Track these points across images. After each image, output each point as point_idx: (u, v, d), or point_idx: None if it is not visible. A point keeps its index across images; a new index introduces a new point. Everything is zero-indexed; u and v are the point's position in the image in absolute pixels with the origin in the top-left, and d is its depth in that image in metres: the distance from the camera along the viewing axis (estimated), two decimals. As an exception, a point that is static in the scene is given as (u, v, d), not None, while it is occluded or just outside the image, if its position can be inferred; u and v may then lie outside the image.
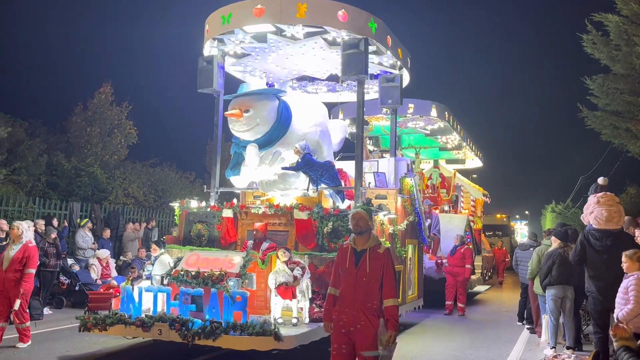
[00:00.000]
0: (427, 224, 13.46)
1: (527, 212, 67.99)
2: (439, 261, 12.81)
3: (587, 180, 37.99)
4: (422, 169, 19.29)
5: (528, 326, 10.43)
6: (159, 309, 6.74)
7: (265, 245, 8.09)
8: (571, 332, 8.15)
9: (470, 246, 15.11)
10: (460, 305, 12.59)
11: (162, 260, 7.49)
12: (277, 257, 7.25)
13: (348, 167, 10.15)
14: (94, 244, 13.17)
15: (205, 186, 9.51)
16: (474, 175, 32.06)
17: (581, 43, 16.94)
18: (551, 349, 8.16)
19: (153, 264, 7.56)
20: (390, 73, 10.02)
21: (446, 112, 14.25)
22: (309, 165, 8.45)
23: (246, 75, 10.30)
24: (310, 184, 8.63)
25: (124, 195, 18.03)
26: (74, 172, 16.75)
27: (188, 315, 6.42)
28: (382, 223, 8.52)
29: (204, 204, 9.06)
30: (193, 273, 6.94)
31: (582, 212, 7.39)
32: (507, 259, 22.64)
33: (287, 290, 6.80)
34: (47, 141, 19.53)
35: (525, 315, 10.79)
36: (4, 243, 10.06)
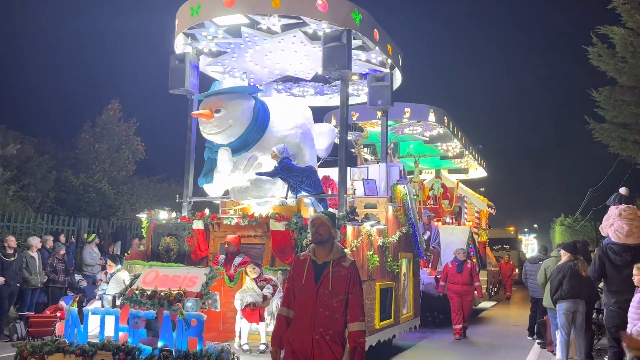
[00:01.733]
0: (425, 236, 12.62)
1: (535, 226, 67.38)
2: (439, 276, 11.85)
3: (595, 193, 37.08)
4: (424, 180, 18.45)
5: (539, 341, 10.21)
6: (107, 335, 5.87)
7: (238, 260, 7.26)
8: (582, 347, 7.76)
9: (474, 260, 14.21)
10: (463, 325, 11.12)
11: (118, 278, 6.65)
12: (246, 273, 6.40)
13: (335, 174, 9.32)
14: (101, 259, 12.63)
15: (177, 195, 8.69)
16: (481, 189, 31.24)
17: (587, 55, 16.89)
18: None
19: (108, 282, 6.70)
20: (380, 72, 9.20)
21: (445, 117, 13.39)
22: (287, 170, 7.62)
23: (226, 76, 9.49)
24: (289, 191, 7.79)
25: (132, 211, 17.77)
26: (82, 188, 16.98)
27: (138, 342, 5.56)
28: (369, 234, 7.65)
29: (174, 214, 8.22)
30: (149, 293, 6.08)
31: (591, 225, 6.91)
32: (514, 273, 21.63)
33: (254, 312, 5.93)
34: (55, 157, 19.67)
35: (535, 330, 10.60)
36: (12, 259, 10.12)
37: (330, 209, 4.29)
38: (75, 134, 22.26)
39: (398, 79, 9.92)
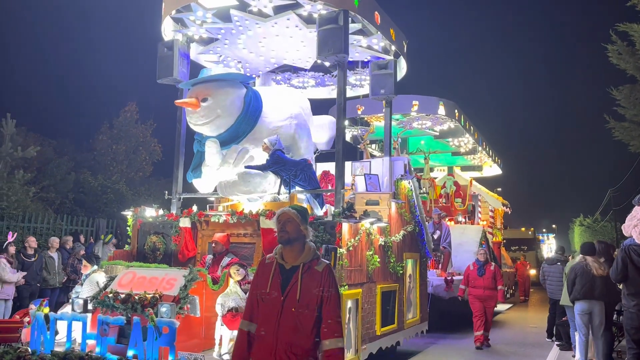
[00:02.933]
0: (435, 235, 12.00)
1: (554, 226, 66.50)
2: (449, 278, 11.19)
3: (616, 193, 36.02)
4: (435, 178, 17.79)
5: (558, 342, 10.02)
6: (74, 342, 5.35)
7: (226, 260, 6.72)
8: (601, 349, 7.48)
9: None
10: (485, 334, 10.14)
11: (92, 280, 6.12)
12: (230, 275, 5.84)
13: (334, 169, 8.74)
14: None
15: (166, 192, 8.16)
16: (498, 189, 30.47)
17: (606, 53, 16.60)
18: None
19: (83, 284, 6.19)
20: (383, 59, 8.58)
21: (456, 110, 12.71)
22: (280, 163, 7.05)
23: (220, 66, 8.97)
24: (282, 186, 7.22)
25: None
26: (100, 189, 17.11)
27: (106, 351, 5.03)
28: (369, 233, 7.05)
29: (161, 212, 7.69)
30: (123, 296, 5.55)
31: (611, 225, 6.50)
32: (531, 275, 20.84)
33: (235, 318, 5.36)
34: (74, 159, 19.92)
35: (554, 332, 10.39)
36: (33, 260, 10.20)
37: (298, 205, 3.64)
38: (93, 136, 22.61)
39: (403, 67, 9.31)
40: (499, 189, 30.59)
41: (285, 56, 8.72)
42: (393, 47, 8.51)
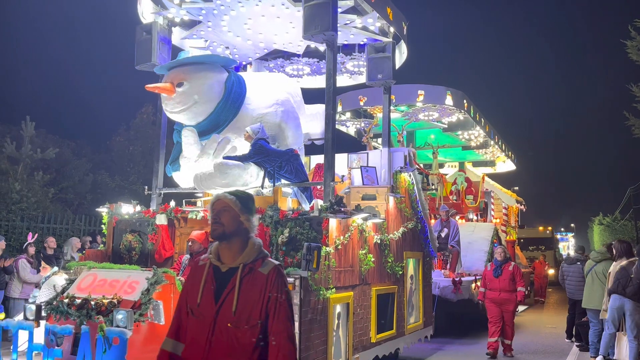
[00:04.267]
0: (443, 233, 11.29)
1: (572, 225, 65.60)
2: (458, 279, 10.45)
3: (636, 191, 34.83)
4: (446, 174, 17.05)
5: (577, 343, 9.91)
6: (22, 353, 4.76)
7: (204, 260, 6.07)
8: (633, 352, 7.32)
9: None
10: (507, 341, 9.09)
11: (51, 283, 5.52)
12: (200, 277, 5.19)
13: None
14: None
15: (146, 187, 7.56)
16: (515, 188, 29.64)
17: (625, 50, 15.96)
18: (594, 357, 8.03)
19: (41, 288, 5.60)
20: (380, 41, 7.89)
21: (464, 101, 11.96)
22: (262, 154, 6.40)
23: (207, 52, 8.36)
24: (267, 179, 6.57)
25: None
26: (118, 190, 17.36)
27: (52, 364, 4.42)
28: (361, 230, 6.37)
29: (138, 208, 7.09)
30: (79, 302, 4.94)
31: (631, 224, 6.21)
32: (548, 275, 19.97)
33: (200, 325, 4.70)
34: (92, 160, 20.16)
35: (574, 332, 10.29)
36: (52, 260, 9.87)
37: (240, 190, 2.90)
38: (110, 138, 22.69)
39: (404, 52, 8.62)
40: (516, 188, 29.77)
41: (275, 40, 8.08)
42: (391, 29, 7.82)
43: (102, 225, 7.19)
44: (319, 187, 7.27)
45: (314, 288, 5.31)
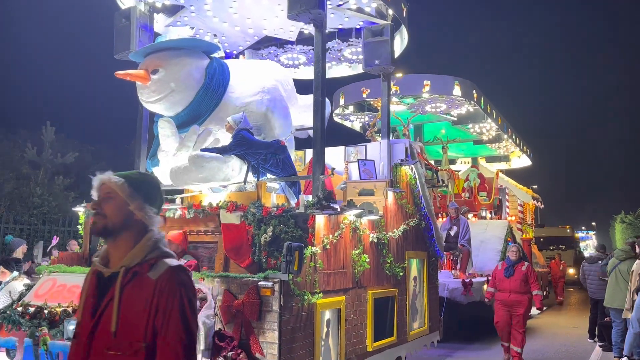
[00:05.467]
0: (452, 232, 10.66)
1: (594, 223, 64.65)
2: (468, 280, 9.81)
3: (660, 189, 33.73)
4: (458, 171, 16.38)
5: (600, 343, 9.78)
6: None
7: (181, 262, 5.52)
8: None
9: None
10: (515, 349, 8.20)
11: (7, 289, 5.03)
12: (168, 281, 4.65)
13: (330, 155, 7.52)
14: None
15: (127, 185, 7.04)
16: (534, 186, 28.89)
17: None
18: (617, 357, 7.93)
19: (-1, 295, 5.11)
20: (377, 24, 7.30)
21: (474, 91, 11.30)
22: (244, 145, 5.85)
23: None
24: (251, 173, 6.02)
25: None
26: None
27: (-6, 381, 3.92)
28: (354, 227, 5.79)
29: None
30: (32, 310, 4.43)
31: None
32: (570, 274, 19.16)
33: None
34: (112, 164, 20.35)
35: (597, 332, 10.18)
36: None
37: (135, 171, 2.27)
38: (130, 141, 22.82)
39: (404, 38, 8.02)
40: (535, 187, 28.99)
41: (264, 25, 7.54)
42: (389, 11, 7.22)
43: (79, 226, 6.70)
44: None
45: (297, 293, 4.75)
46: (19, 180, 14.73)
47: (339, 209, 5.52)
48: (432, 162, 14.97)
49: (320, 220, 5.24)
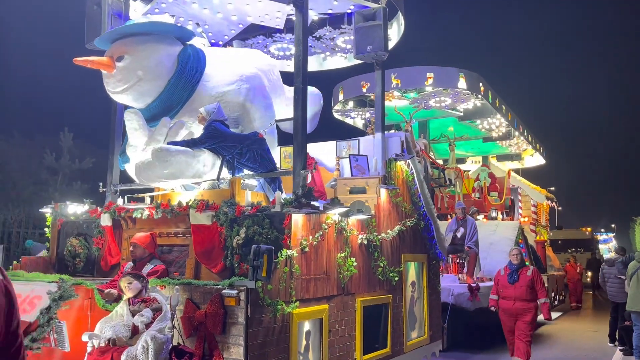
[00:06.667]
0: (459, 233, 10.01)
1: (613, 225, 63.50)
2: (475, 285, 9.15)
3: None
4: (468, 170, 15.71)
5: (621, 347, 9.50)
6: None
7: (148, 268, 5.05)
8: None
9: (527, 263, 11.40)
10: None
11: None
12: (121, 289, 4.13)
13: (317, 150, 7.01)
14: None
15: (101, 184, 6.56)
16: (552, 188, 28.06)
17: None
18: None
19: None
20: (368, 8, 6.73)
21: (480, 84, 10.66)
22: (217, 138, 5.31)
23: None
24: (227, 168, 5.48)
25: None
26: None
27: None
28: (340, 228, 5.22)
29: (86, 207, 6.09)
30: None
31: None
32: (582, 279, 18.34)
33: (104, 356, 3.63)
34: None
35: (617, 336, 9.92)
36: None
37: None
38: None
39: (401, 24, 7.46)
40: (552, 188, 28.08)
41: (248, 11, 7.00)
42: (383, -6, 6.66)
43: (46, 229, 6.21)
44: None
45: (268, 302, 4.19)
46: (38, 186, 14.76)
47: (321, 208, 4.95)
48: (440, 161, 14.35)
49: (297, 219, 4.68)
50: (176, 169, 5.12)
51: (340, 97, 11.14)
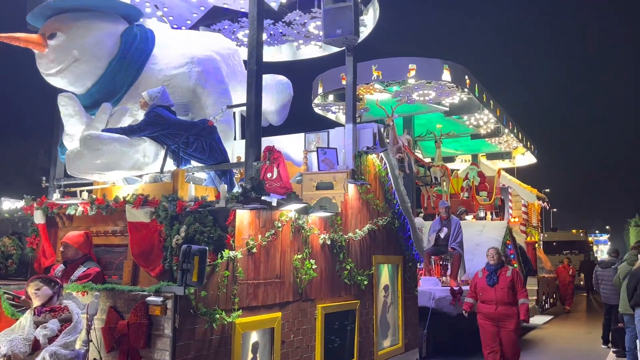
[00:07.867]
0: (442, 234, 9.50)
1: (607, 227, 63.77)
2: (457, 288, 8.61)
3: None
4: (457, 170, 15.22)
5: (614, 349, 9.61)
6: None
7: (80, 271, 4.50)
8: None
9: (514, 265, 10.88)
10: None
11: None
12: (28, 296, 3.56)
13: (285, 143, 6.47)
14: None
15: (44, 178, 5.98)
16: (546, 190, 27.68)
17: None
18: None
19: None
20: (339, -13, 6.18)
21: (466, 77, 10.12)
22: (159, 125, 4.75)
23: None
24: (170, 159, 4.92)
25: None
26: None
27: None
28: (298, 227, 4.67)
29: (22, 203, 5.51)
30: None
31: None
32: (573, 281, 17.84)
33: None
34: None
35: (610, 338, 10.05)
36: None
37: None
38: None
39: (376, 9, 6.96)
40: (547, 190, 27.64)
41: (210, -7, 6.44)
42: (354, -28, 6.11)
43: (-20, 227, 5.64)
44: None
45: (203, 311, 3.62)
46: (32, 187, 14.17)
47: (274, 203, 4.40)
48: (427, 159, 13.83)
49: (244, 216, 4.12)
50: (110, 159, 4.55)
51: (320, 90, 10.59)
